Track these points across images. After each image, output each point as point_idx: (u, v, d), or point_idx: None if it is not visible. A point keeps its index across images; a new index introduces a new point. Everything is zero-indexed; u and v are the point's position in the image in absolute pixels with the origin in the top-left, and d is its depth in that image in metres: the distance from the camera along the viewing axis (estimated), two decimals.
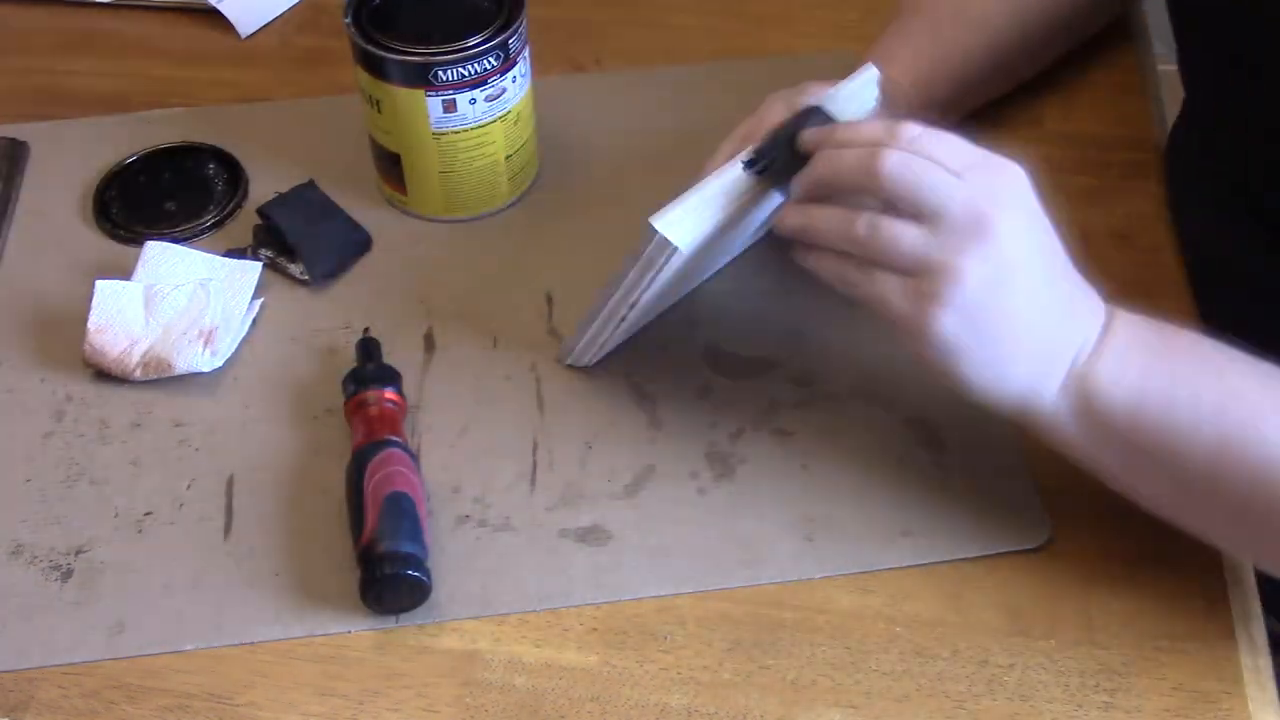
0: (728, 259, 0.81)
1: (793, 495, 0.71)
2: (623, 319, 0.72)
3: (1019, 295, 0.60)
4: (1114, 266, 0.81)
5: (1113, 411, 0.60)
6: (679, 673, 0.64)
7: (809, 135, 0.65)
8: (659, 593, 0.67)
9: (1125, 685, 0.63)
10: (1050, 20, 0.87)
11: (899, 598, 0.67)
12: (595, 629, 0.66)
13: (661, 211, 0.65)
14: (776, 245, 0.83)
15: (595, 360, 0.77)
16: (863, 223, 0.61)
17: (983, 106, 0.90)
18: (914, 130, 0.61)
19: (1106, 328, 0.62)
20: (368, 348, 0.76)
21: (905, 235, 0.60)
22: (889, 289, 0.61)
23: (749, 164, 0.66)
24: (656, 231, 0.64)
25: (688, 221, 0.65)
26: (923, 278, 0.60)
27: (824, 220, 0.63)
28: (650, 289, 0.69)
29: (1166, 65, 0.82)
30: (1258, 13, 0.68)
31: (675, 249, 0.64)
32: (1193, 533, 0.63)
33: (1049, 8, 0.86)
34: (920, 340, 0.61)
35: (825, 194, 0.64)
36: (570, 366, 0.77)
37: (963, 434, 0.73)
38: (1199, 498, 0.61)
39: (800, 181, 0.65)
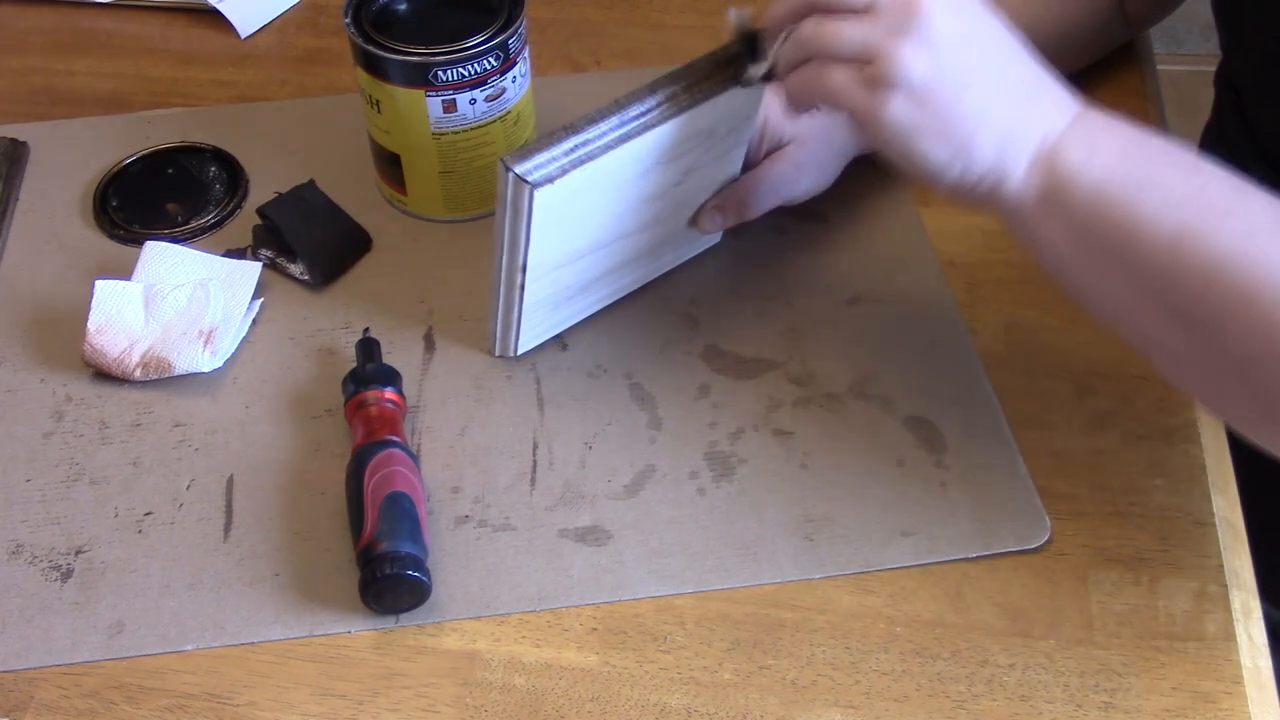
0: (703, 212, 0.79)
1: (793, 495, 0.71)
2: (521, 286, 0.70)
3: (971, 67, 0.59)
4: None
5: (1078, 193, 0.60)
6: (679, 673, 0.64)
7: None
8: (659, 593, 0.67)
9: (1125, 685, 0.63)
10: (1049, 41, 0.87)
11: (899, 598, 0.67)
12: (595, 629, 0.66)
13: (520, 150, 0.64)
14: (776, 242, 0.84)
15: (524, 349, 0.77)
16: (808, 24, 0.62)
17: None
18: None
19: (1078, 116, 0.61)
20: (368, 348, 0.76)
21: (846, 27, 0.60)
22: (840, 81, 0.61)
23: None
24: (510, 170, 0.62)
25: (546, 159, 0.64)
26: (869, 65, 0.60)
27: (787, 46, 0.64)
28: (535, 244, 0.67)
29: (1166, 65, 0.82)
30: None
31: (531, 187, 0.63)
32: (1139, 343, 0.63)
33: (1041, 35, 0.86)
34: (876, 127, 0.61)
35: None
36: (502, 358, 0.77)
37: (963, 434, 0.73)
38: (1151, 295, 0.60)
39: (774, 16, 0.65)
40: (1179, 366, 0.62)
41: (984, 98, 0.60)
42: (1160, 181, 0.59)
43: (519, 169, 0.64)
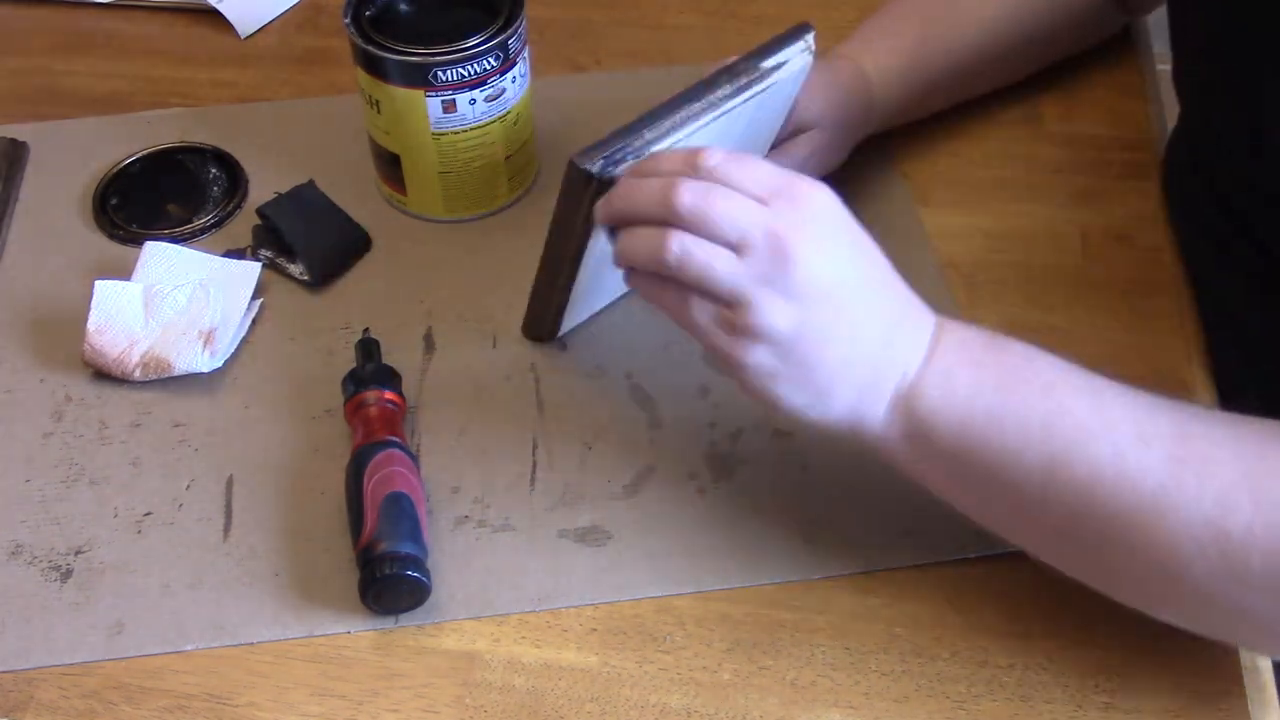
0: None
1: (792, 495, 0.71)
2: (573, 275, 0.71)
3: (832, 322, 0.59)
4: (1114, 266, 0.82)
5: (940, 433, 0.59)
6: (678, 673, 0.64)
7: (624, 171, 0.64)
8: (658, 593, 0.67)
9: (1125, 685, 0.63)
10: (1033, 31, 0.87)
11: (899, 598, 0.67)
12: (595, 629, 0.66)
13: (590, 148, 0.65)
14: None
15: (563, 332, 0.78)
16: (674, 246, 0.59)
17: (983, 105, 0.91)
18: (714, 158, 0.59)
19: (933, 346, 0.60)
20: (367, 348, 0.76)
21: (717, 262, 0.58)
22: (705, 319, 0.60)
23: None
24: (578, 166, 0.63)
25: (611, 152, 0.65)
26: (735, 309, 0.59)
27: (638, 241, 0.61)
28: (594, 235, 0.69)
29: (1166, 65, 0.81)
30: (1255, 30, 0.68)
31: (597, 179, 0.63)
32: (1026, 549, 0.63)
33: (1036, 18, 0.87)
34: (738, 371, 0.60)
35: (631, 224, 0.62)
36: (536, 341, 0.78)
37: None
38: (1028, 517, 0.60)
39: (599, 213, 0.64)
40: (1060, 565, 0.62)
41: (844, 350, 0.59)
42: (1020, 413, 0.58)
43: (587, 165, 0.64)
